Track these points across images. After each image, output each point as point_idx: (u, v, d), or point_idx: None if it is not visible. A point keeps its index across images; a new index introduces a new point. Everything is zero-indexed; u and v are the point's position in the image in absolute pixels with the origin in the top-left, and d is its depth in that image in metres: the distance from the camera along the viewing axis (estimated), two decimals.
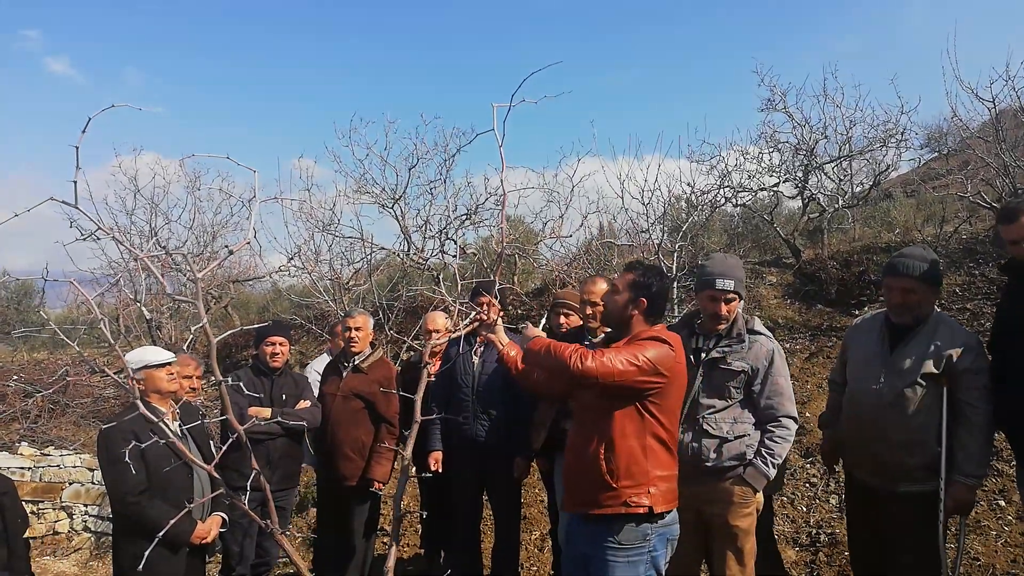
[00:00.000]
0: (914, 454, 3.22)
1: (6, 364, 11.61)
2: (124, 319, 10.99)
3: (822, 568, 4.62)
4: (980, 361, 3.20)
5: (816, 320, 8.04)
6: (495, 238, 10.51)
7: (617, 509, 2.77)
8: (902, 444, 3.23)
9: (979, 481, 3.26)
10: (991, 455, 3.39)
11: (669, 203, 9.36)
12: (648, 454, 2.80)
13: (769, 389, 3.32)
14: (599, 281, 4.11)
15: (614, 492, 2.77)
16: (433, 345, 4.88)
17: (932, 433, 3.20)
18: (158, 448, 3.15)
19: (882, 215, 11.00)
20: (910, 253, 3.35)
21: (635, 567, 2.78)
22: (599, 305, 3.92)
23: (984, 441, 3.18)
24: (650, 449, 2.81)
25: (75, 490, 7.21)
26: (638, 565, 2.78)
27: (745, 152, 9.71)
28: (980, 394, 3.15)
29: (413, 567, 5.40)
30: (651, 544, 2.80)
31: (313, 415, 4.60)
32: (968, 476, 3.15)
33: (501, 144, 2.92)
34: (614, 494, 2.77)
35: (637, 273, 3.00)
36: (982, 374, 3.18)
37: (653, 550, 2.81)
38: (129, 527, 3.46)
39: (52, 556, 6.85)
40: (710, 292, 3.36)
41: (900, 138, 9.10)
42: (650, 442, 2.81)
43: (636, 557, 2.78)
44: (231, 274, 12.47)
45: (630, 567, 2.77)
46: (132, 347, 9.17)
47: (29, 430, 8.56)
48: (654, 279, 2.99)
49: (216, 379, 2.49)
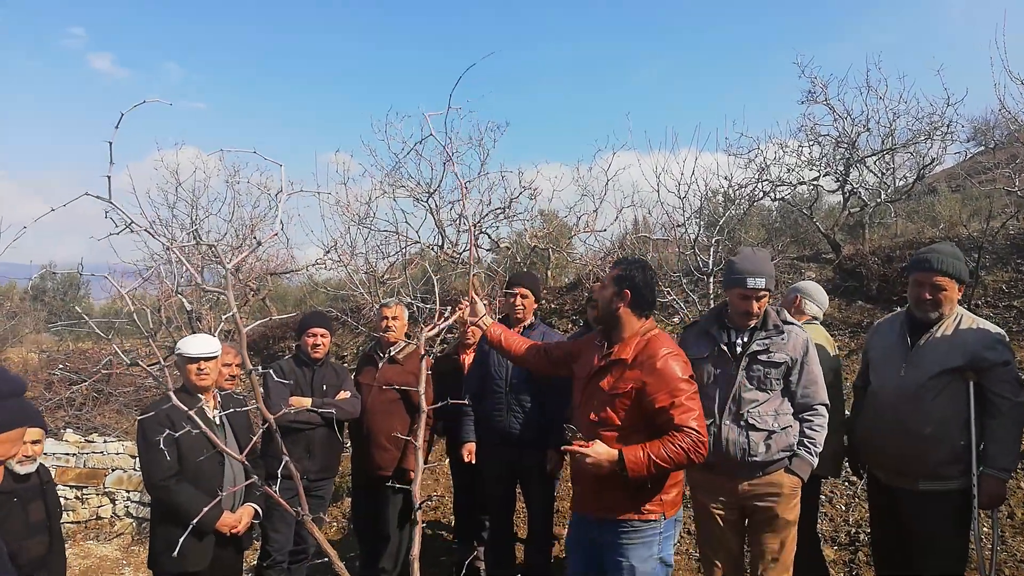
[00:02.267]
0: (935, 448, 3.18)
1: (52, 353, 11.94)
2: (165, 310, 11.23)
3: (861, 568, 4.54)
4: (1007, 353, 3.17)
5: (856, 317, 7.88)
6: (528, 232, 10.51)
7: (630, 516, 2.90)
8: (923, 438, 3.20)
9: (1010, 474, 3.22)
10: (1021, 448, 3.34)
11: (706, 197, 9.24)
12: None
13: (805, 378, 3.31)
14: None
15: (631, 500, 2.90)
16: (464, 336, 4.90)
17: (954, 427, 3.17)
18: (191, 437, 3.20)
19: (926, 210, 10.75)
20: (941, 249, 3.31)
21: (648, 548, 2.91)
22: None
23: (1017, 433, 3.14)
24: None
25: (118, 476, 7.38)
26: (651, 546, 2.92)
27: (784, 145, 9.55)
28: (1010, 386, 3.13)
29: (447, 558, 5.42)
30: (661, 527, 2.94)
31: (353, 405, 4.65)
32: (1000, 470, 3.12)
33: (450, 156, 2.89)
34: (631, 503, 2.90)
35: (621, 267, 3.10)
36: (1011, 366, 3.15)
37: (663, 532, 2.95)
38: (162, 513, 3.56)
39: (95, 540, 7.03)
40: (740, 291, 3.30)
41: (946, 131, 8.86)
42: None
43: (649, 539, 2.92)
44: (269, 267, 12.66)
45: (644, 548, 2.91)
46: (174, 338, 9.37)
47: (74, 417, 8.80)
48: (637, 271, 3.04)
49: (247, 369, 2.51)
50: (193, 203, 11.56)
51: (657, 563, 2.94)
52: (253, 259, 12.48)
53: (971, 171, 12.01)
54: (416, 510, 2.37)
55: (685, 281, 8.60)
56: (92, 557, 6.69)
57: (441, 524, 6.10)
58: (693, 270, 8.33)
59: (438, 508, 6.49)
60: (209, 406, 3.71)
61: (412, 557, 2.27)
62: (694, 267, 8.29)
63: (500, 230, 10.72)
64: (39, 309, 14.34)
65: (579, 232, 10.61)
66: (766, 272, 3.29)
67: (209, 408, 3.70)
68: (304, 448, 4.49)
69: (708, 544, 3.62)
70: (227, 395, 4.00)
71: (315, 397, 4.58)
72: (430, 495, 5.13)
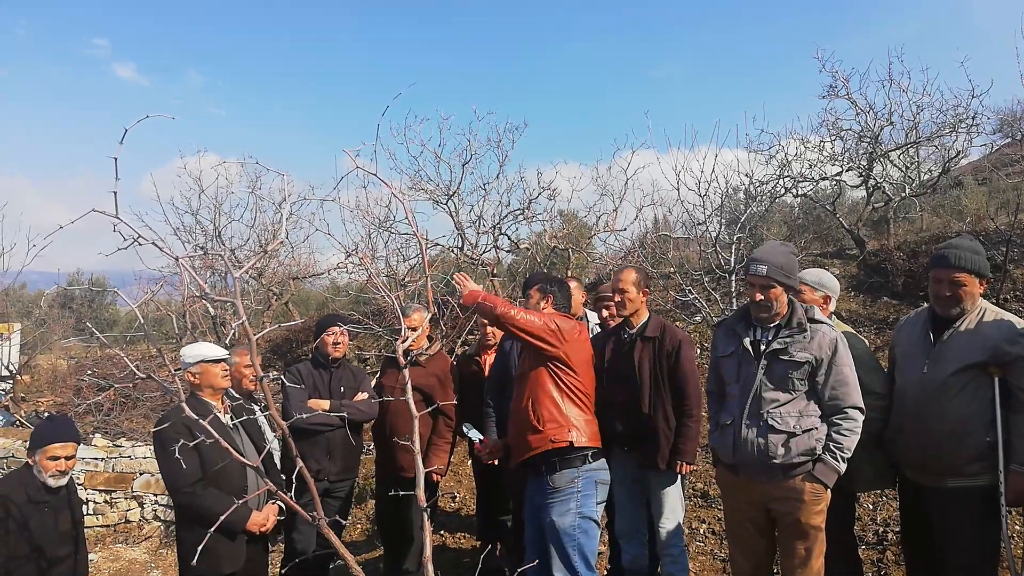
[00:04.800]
0: (960, 445, 3.11)
1: (80, 360, 12.13)
2: (190, 316, 11.37)
3: (890, 567, 4.47)
4: None
5: (882, 313, 7.79)
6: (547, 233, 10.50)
7: (544, 446, 3.50)
8: (947, 434, 3.13)
9: None
10: None
11: (726, 194, 9.18)
12: (566, 402, 3.57)
13: (834, 380, 3.18)
14: (625, 270, 4.09)
15: (540, 434, 3.52)
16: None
17: (979, 423, 3.10)
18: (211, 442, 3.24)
19: (952, 204, 10.57)
20: (959, 244, 3.23)
21: (566, 504, 3.49)
22: (627, 292, 3.98)
23: None
24: (568, 399, 3.58)
25: (145, 480, 7.48)
26: (568, 502, 3.49)
27: (806, 141, 9.46)
28: None
29: (469, 559, 5.43)
30: (578, 485, 3.50)
31: (370, 407, 4.66)
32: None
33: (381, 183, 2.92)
34: (540, 436, 3.52)
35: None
36: None
37: (580, 490, 3.50)
38: (188, 517, 3.58)
39: (124, 544, 7.12)
40: (748, 278, 3.29)
41: (971, 123, 8.75)
42: (567, 394, 3.58)
43: (566, 496, 3.50)
44: (291, 272, 12.78)
45: (562, 504, 3.49)
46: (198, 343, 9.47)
47: (102, 422, 8.93)
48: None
49: (258, 375, 2.54)
50: (216, 209, 11.70)
51: (575, 516, 3.47)
52: (276, 263, 12.62)
53: (998, 163, 11.79)
54: (424, 511, 2.38)
55: (707, 279, 8.54)
56: (121, 560, 6.78)
57: (464, 524, 6.11)
58: (715, 268, 8.27)
59: (461, 509, 6.50)
60: (220, 411, 3.74)
61: (424, 559, 2.27)
62: (715, 265, 8.24)
63: (520, 231, 10.73)
64: (67, 316, 14.57)
65: (599, 232, 10.59)
66: (771, 261, 3.21)
67: (221, 413, 3.73)
68: (324, 450, 4.51)
69: (735, 545, 3.58)
70: (238, 404, 4.02)
71: (332, 399, 4.60)
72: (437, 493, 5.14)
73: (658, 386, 3.92)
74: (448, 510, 6.53)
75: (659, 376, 3.93)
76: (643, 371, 3.93)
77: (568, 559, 3.47)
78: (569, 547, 3.47)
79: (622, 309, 4.02)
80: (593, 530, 3.55)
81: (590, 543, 3.52)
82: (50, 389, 10.85)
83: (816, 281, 3.73)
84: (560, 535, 3.47)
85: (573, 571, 3.46)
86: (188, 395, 3.68)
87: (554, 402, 3.56)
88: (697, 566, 4.83)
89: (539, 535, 3.61)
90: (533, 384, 3.61)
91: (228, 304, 11.17)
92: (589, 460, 3.56)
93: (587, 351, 3.78)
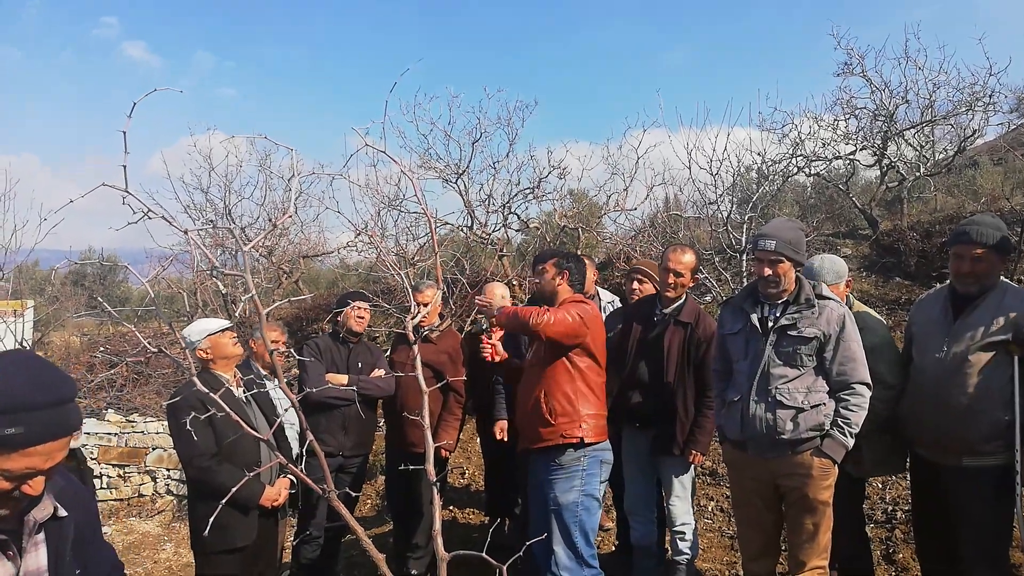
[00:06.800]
0: (977, 423, 3.10)
1: (93, 337, 12.22)
2: (201, 293, 11.43)
3: (899, 545, 4.47)
4: None
5: (894, 294, 7.73)
6: (557, 212, 10.45)
7: (556, 441, 3.53)
8: (964, 412, 3.11)
9: None
10: None
11: (738, 173, 9.08)
12: (578, 397, 3.56)
13: (841, 355, 3.19)
14: (687, 251, 4.03)
15: (552, 428, 3.54)
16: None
17: (998, 402, 3.08)
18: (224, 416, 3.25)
19: (967, 184, 10.46)
20: (981, 221, 3.20)
21: (570, 481, 3.54)
22: (683, 276, 3.94)
23: None
24: (580, 393, 3.57)
25: (158, 455, 7.56)
26: (573, 479, 3.54)
27: (819, 119, 9.34)
28: None
29: (478, 535, 5.47)
30: (583, 464, 3.55)
31: (388, 383, 4.70)
32: None
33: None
34: (552, 429, 3.54)
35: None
36: None
37: (585, 469, 3.55)
38: (201, 491, 3.59)
39: (138, 517, 7.22)
40: (756, 254, 3.28)
41: (988, 102, 8.57)
42: (580, 387, 3.58)
43: (571, 473, 3.54)
44: (301, 250, 12.80)
45: (566, 481, 3.54)
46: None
47: (115, 398, 9.01)
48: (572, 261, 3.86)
49: (268, 349, 2.55)
50: (226, 187, 11.71)
51: (579, 494, 3.52)
52: (286, 242, 12.64)
53: (1014, 143, 11.62)
54: (434, 485, 2.39)
55: (718, 259, 8.50)
56: (135, 533, 6.88)
57: (473, 500, 6.15)
58: (726, 248, 8.22)
59: (470, 485, 6.54)
60: (233, 385, 3.76)
61: (435, 533, 2.28)
62: (727, 245, 8.18)
63: (529, 210, 10.68)
64: (80, 294, 14.67)
65: (609, 211, 10.52)
66: (779, 236, 3.20)
67: (234, 387, 3.75)
68: (340, 424, 4.55)
69: (743, 522, 3.60)
70: (249, 379, 4.04)
71: (351, 374, 4.63)
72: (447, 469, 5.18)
73: (683, 372, 3.91)
74: (457, 486, 6.58)
75: (686, 363, 3.92)
76: (671, 355, 3.92)
77: (569, 535, 3.53)
78: (571, 523, 3.53)
79: (672, 291, 3.99)
80: (595, 508, 3.62)
81: (591, 520, 3.59)
82: (63, 365, 10.95)
83: (833, 273, 3.69)
84: (562, 511, 3.53)
85: (573, 547, 3.54)
86: (200, 370, 3.69)
87: (567, 397, 3.56)
88: (705, 543, 4.85)
89: (543, 510, 3.64)
90: (548, 375, 3.60)
91: (239, 282, 11.22)
92: (595, 443, 3.61)
93: (603, 333, 3.79)
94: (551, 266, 3.81)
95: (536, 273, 3.90)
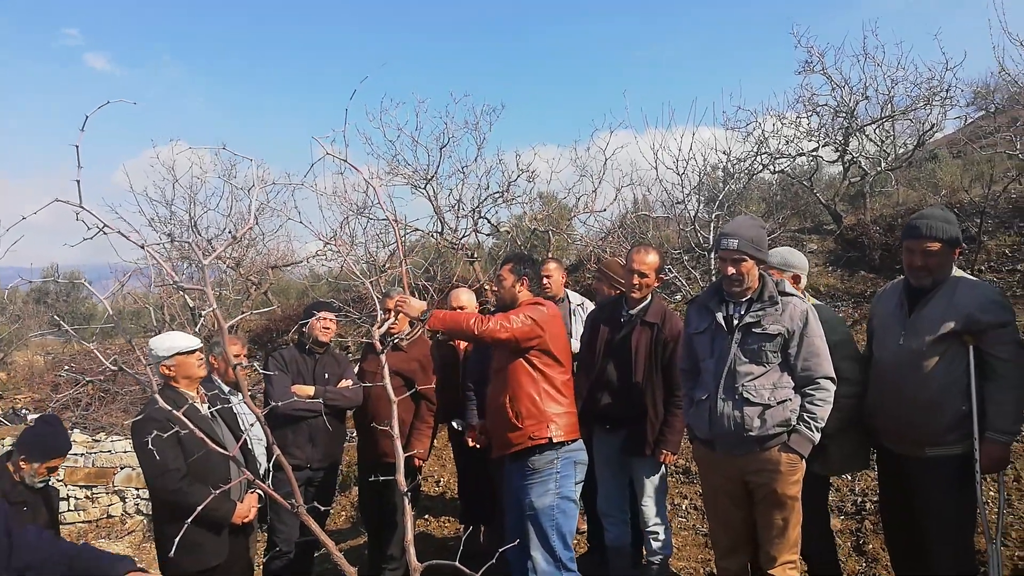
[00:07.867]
0: (938, 415, 3.15)
1: (57, 355, 11.98)
2: (168, 308, 11.25)
3: (868, 536, 4.52)
4: (1006, 315, 3.11)
5: (859, 287, 7.84)
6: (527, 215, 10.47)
7: (524, 443, 3.53)
8: (924, 405, 3.16)
9: (1013, 438, 3.16)
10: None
11: (705, 172, 9.16)
12: (544, 398, 3.55)
13: (805, 351, 3.22)
14: (650, 251, 4.01)
15: (520, 431, 3.53)
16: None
17: (955, 393, 3.13)
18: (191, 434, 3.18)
19: (927, 177, 10.63)
20: (931, 215, 3.23)
21: (544, 484, 3.52)
22: (647, 277, 3.92)
23: (1018, 396, 3.08)
24: (545, 393, 3.56)
25: (127, 474, 7.41)
26: (547, 482, 3.52)
27: (782, 117, 9.45)
28: (1010, 348, 3.07)
29: (454, 543, 5.43)
30: (557, 467, 3.54)
31: (355, 393, 4.64)
32: (1002, 433, 3.07)
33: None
34: (520, 432, 3.54)
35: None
36: (1010, 327, 3.10)
37: (559, 471, 3.54)
38: (169, 512, 3.50)
39: (107, 539, 7.07)
40: (720, 253, 3.31)
41: (945, 96, 8.76)
42: (544, 388, 3.57)
43: (545, 477, 3.53)
44: (270, 261, 12.67)
45: (541, 485, 3.52)
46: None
47: (81, 417, 8.84)
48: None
49: (231, 364, 2.51)
50: (191, 199, 11.55)
51: (554, 497, 3.51)
52: (254, 253, 12.50)
53: (972, 136, 11.86)
54: (405, 495, 2.37)
55: (687, 258, 8.56)
56: None
57: (448, 508, 6.11)
58: (694, 246, 8.29)
59: (445, 493, 6.50)
60: (198, 401, 3.69)
61: (406, 543, 2.26)
62: (695, 244, 8.25)
63: (499, 214, 10.68)
64: (42, 312, 14.36)
65: (579, 213, 10.56)
66: (741, 235, 3.22)
67: (199, 403, 3.69)
68: (307, 437, 4.49)
69: (714, 519, 3.62)
70: (214, 394, 3.97)
71: (317, 385, 4.57)
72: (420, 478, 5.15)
73: (651, 373, 3.91)
74: (432, 494, 6.53)
75: (654, 363, 3.92)
76: (639, 356, 3.92)
77: (547, 539, 3.52)
78: (548, 527, 3.51)
79: (637, 292, 3.96)
80: (572, 510, 3.60)
81: (568, 523, 3.58)
82: (27, 385, 10.71)
83: (781, 262, 3.71)
84: (539, 515, 3.51)
85: (551, 550, 3.52)
86: (162, 386, 3.62)
87: (531, 398, 3.55)
88: (680, 541, 4.87)
89: (519, 516, 3.61)
90: (511, 380, 3.60)
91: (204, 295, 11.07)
92: (567, 442, 3.58)
93: (562, 332, 3.78)
94: (507, 272, 3.82)
95: (495, 281, 3.91)
